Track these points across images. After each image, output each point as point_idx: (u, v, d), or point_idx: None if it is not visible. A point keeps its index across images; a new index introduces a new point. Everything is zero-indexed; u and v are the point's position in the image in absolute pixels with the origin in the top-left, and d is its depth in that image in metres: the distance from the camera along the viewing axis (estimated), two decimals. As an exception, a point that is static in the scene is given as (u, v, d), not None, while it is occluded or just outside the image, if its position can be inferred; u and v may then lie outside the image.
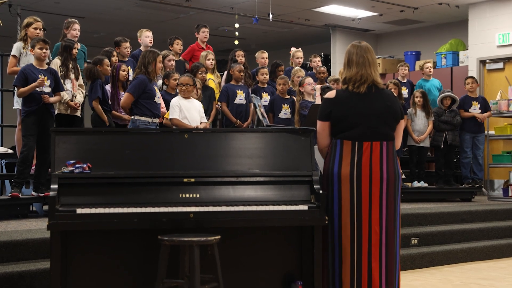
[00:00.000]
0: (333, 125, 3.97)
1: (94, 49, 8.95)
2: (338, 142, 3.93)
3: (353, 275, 3.87)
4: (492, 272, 6.30)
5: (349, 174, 3.86)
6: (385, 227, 3.88)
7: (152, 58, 6.60)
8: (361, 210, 3.86)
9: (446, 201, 9.18)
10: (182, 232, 3.83)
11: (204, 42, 8.92)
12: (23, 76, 6.30)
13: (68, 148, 4.02)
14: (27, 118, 6.36)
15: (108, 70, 7.05)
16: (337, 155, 3.91)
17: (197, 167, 4.09)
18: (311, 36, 14.58)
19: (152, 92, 6.61)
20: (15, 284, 4.37)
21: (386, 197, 3.88)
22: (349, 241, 3.87)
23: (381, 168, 3.87)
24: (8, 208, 6.47)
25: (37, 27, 6.91)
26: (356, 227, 3.86)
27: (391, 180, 3.89)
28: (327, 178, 3.96)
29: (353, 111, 3.90)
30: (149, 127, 6.48)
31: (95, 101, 6.80)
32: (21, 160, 6.37)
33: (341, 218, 3.89)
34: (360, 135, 3.88)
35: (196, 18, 12.11)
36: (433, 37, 13.39)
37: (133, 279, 4.02)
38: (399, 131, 4.05)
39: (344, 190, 3.88)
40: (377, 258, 3.86)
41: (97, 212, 3.72)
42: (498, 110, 9.51)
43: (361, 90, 3.91)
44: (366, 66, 3.94)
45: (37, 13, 8.15)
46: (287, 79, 8.29)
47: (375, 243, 3.86)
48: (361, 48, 3.99)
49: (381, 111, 3.92)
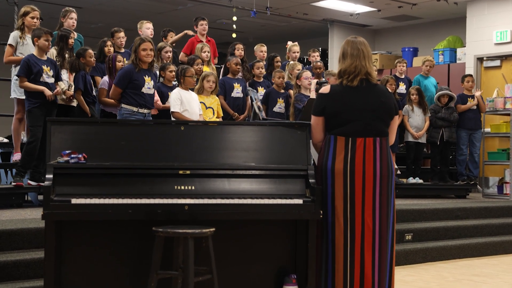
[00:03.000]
0: (327, 120, 3.98)
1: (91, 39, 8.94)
2: (332, 138, 3.94)
3: (346, 270, 3.88)
4: (485, 268, 6.32)
5: (343, 169, 3.87)
6: (379, 222, 3.89)
7: (136, 45, 6.42)
8: (354, 205, 3.87)
9: (441, 197, 9.21)
10: (176, 224, 3.84)
11: (203, 34, 8.90)
12: (26, 66, 6.32)
13: (63, 138, 4.01)
14: (35, 110, 6.36)
15: (92, 61, 6.97)
16: (330, 151, 3.92)
17: (193, 160, 4.09)
18: (309, 30, 14.57)
19: (138, 82, 6.41)
20: (10, 273, 4.38)
21: (379, 193, 3.89)
22: (342, 235, 3.88)
23: (375, 164, 3.88)
24: (3, 198, 6.47)
25: (34, 16, 6.89)
26: (349, 222, 3.87)
27: (384, 176, 3.90)
28: (321, 173, 3.97)
29: (347, 107, 3.91)
30: (134, 116, 6.38)
31: (77, 93, 6.79)
32: (28, 150, 6.37)
33: (334, 213, 3.90)
34: (354, 131, 3.89)
35: (194, 10, 12.09)
36: (431, 33, 13.39)
37: (127, 269, 4.03)
38: (393, 127, 4.06)
39: (337, 185, 3.89)
40: (370, 253, 3.87)
41: (92, 202, 3.72)
42: (494, 107, 9.53)
43: (354, 84, 3.91)
44: (360, 57, 3.94)
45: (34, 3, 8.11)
46: (283, 73, 8.29)
47: (368, 238, 3.87)
48: (356, 41, 4.02)
49: (375, 107, 3.92)
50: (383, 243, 3.91)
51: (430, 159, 9.70)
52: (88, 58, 6.91)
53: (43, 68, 6.35)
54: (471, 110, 9.41)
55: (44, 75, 6.37)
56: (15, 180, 6.40)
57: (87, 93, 6.91)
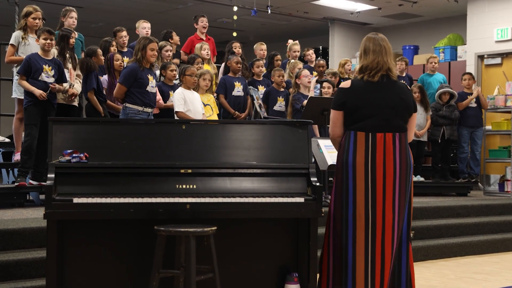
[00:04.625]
0: (347, 115, 3.98)
1: (92, 39, 8.94)
2: (352, 133, 3.94)
3: (367, 263, 3.87)
4: (487, 266, 6.32)
5: (364, 163, 3.88)
6: (398, 216, 3.92)
7: (143, 44, 6.44)
8: (375, 199, 3.88)
9: (442, 195, 9.21)
10: (178, 222, 3.85)
11: (203, 32, 8.90)
12: (27, 65, 6.35)
13: (65, 137, 4.02)
14: (31, 108, 6.37)
15: (102, 61, 7.04)
16: (351, 146, 3.92)
17: (194, 158, 4.10)
18: (310, 29, 14.56)
19: (143, 80, 6.45)
20: (11, 273, 4.38)
21: (399, 187, 3.92)
22: (363, 229, 3.87)
23: (394, 159, 3.91)
24: (5, 197, 6.48)
25: (36, 16, 6.89)
26: (370, 216, 3.87)
27: (403, 170, 3.93)
28: (342, 169, 3.96)
29: (367, 101, 3.93)
30: (139, 116, 6.40)
31: (90, 92, 6.80)
32: (24, 149, 6.39)
33: (356, 207, 3.88)
34: (374, 126, 3.91)
35: (195, 9, 12.09)
36: (432, 31, 13.38)
37: (129, 268, 4.03)
38: (411, 124, 4.09)
39: (359, 179, 3.88)
40: (389, 247, 3.89)
41: (94, 201, 3.72)
42: (495, 105, 9.52)
43: (375, 79, 3.93)
44: (382, 53, 3.97)
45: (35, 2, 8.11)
46: (283, 72, 8.29)
47: (388, 232, 3.88)
48: (378, 37, 4.04)
49: (395, 103, 3.95)
50: (402, 237, 3.94)
51: (431, 157, 9.70)
52: (100, 57, 6.95)
53: (43, 67, 6.36)
54: (472, 108, 9.40)
55: (43, 74, 6.37)
56: (18, 180, 6.41)
57: (99, 92, 6.92)
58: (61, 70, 6.56)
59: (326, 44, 14.03)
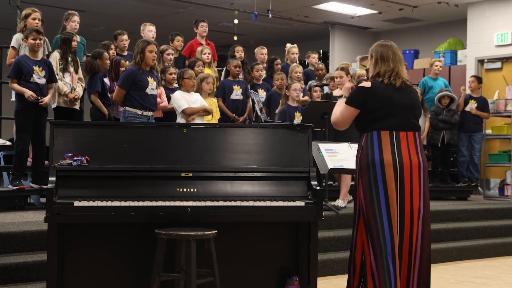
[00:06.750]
0: (366, 113, 4.01)
1: (93, 42, 8.95)
2: (375, 133, 3.96)
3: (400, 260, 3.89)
4: (487, 270, 6.33)
5: (392, 160, 3.92)
6: (423, 212, 3.95)
7: (142, 47, 6.44)
8: (404, 195, 3.91)
9: (442, 199, 9.21)
10: (179, 226, 3.85)
11: (203, 37, 8.92)
12: (16, 67, 6.32)
13: (66, 141, 4.04)
14: (22, 112, 6.39)
15: (107, 64, 7.04)
16: (375, 145, 3.94)
17: (195, 162, 4.11)
18: (310, 33, 14.58)
19: (142, 83, 6.44)
20: (12, 276, 4.39)
21: (423, 182, 3.98)
22: (397, 226, 3.89)
23: (417, 155, 3.98)
24: (6, 200, 6.49)
25: (35, 17, 6.89)
26: (399, 213, 3.90)
27: (425, 167, 4.01)
28: (368, 169, 3.95)
29: (389, 101, 3.99)
30: (138, 119, 6.40)
31: (94, 95, 6.80)
32: (17, 153, 6.41)
33: (389, 204, 3.88)
34: (396, 125, 3.98)
35: (196, 13, 12.11)
36: (432, 35, 13.40)
37: (130, 272, 4.04)
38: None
39: (388, 176, 3.89)
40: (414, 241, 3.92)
41: (95, 205, 3.74)
42: (496, 109, 9.53)
43: (397, 83, 4.03)
44: (399, 63, 4.09)
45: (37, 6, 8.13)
46: (284, 75, 8.31)
47: (414, 227, 3.91)
48: (393, 46, 4.13)
49: (412, 105, 4.06)
50: (427, 231, 3.96)
51: (431, 161, 9.70)
52: (105, 61, 6.95)
53: (33, 69, 6.34)
54: (470, 113, 9.42)
55: (34, 76, 6.36)
56: (14, 184, 6.41)
57: (104, 95, 6.92)
58: (51, 69, 6.52)
59: (326, 48, 14.05)
